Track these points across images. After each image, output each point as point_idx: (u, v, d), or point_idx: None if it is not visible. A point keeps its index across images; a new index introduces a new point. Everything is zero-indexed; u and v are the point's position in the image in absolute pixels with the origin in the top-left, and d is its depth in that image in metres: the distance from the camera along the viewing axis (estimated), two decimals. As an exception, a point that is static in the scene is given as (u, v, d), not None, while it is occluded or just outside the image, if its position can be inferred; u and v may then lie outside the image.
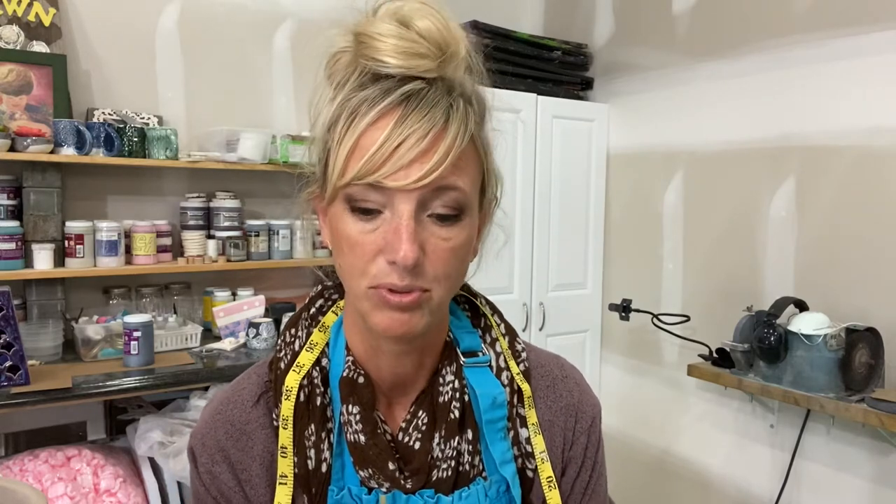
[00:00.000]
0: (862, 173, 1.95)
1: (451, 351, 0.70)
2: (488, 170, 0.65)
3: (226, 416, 0.69)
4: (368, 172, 0.57)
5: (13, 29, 1.99)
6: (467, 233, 0.61)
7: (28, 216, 1.96)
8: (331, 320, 0.71)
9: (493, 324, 0.75)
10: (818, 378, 1.85)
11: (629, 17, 2.69)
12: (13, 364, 1.66)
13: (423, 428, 0.67)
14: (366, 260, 0.59)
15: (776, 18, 2.15)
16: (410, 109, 0.57)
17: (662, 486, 2.59)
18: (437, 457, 0.66)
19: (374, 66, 0.59)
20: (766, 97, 2.19)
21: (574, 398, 0.76)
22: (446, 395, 0.68)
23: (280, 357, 0.70)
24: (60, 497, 1.64)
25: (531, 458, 0.70)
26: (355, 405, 0.65)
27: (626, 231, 2.76)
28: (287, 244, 2.35)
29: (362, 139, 0.58)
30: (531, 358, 0.75)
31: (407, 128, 0.56)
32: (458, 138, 0.58)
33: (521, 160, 2.58)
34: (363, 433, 0.65)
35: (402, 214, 0.57)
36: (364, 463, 0.65)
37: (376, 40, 0.58)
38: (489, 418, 0.68)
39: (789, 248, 2.14)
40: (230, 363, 1.94)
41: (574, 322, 2.80)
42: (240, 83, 2.40)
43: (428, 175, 0.56)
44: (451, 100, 0.59)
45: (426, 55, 0.58)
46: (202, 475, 0.68)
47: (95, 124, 1.98)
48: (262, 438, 0.68)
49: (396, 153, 0.56)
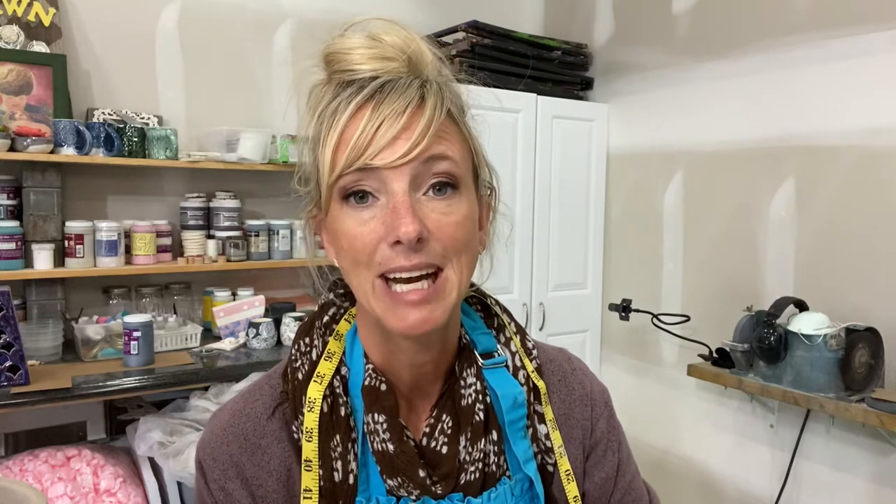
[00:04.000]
0: (862, 173, 1.95)
1: (468, 353, 0.70)
2: (476, 151, 0.65)
3: (239, 429, 0.67)
4: (355, 157, 0.57)
5: (13, 29, 1.99)
6: (467, 206, 0.61)
7: (28, 216, 1.96)
8: (345, 328, 0.70)
9: (505, 323, 0.75)
10: (818, 378, 1.85)
11: (629, 17, 2.69)
12: (13, 364, 1.66)
13: (449, 432, 0.66)
14: (368, 251, 0.59)
15: (776, 18, 2.15)
16: (385, 95, 0.58)
17: (662, 486, 2.59)
18: (465, 460, 0.66)
19: (348, 76, 0.61)
20: (766, 97, 2.19)
21: (586, 388, 0.77)
22: (469, 398, 0.67)
23: (296, 367, 0.68)
24: (60, 497, 1.64)
25: (550, 453, 0.70)
26: (381, 413, 0.64)
27: (626, 231, 2.76)
28: (287, 244, 2.35)
29: (345, 133, 0.59)
30: (540, 354, 0.76)
31: (385, 108, 0.57)
32: (437, 109, 0.59)
33: (521, 160, 2.58)
34: (391, 441, 0.64)
35: (396, 193, 0.58)
36: (393, 472, 0.63)
37: (346, 54, 0.60)
38: (511, 419, 0.68)
39: (789, 248, 2.14)
40: (230, 363, 1.94)
41: (574, 322, 2.80)
42: (240, 83, 2.40)
43: (414, 147, 0.57)
44: (422, 81, 0.60)
45: (395, 58, 0.60)
46: (213, 491, 0.66)
47: (95, 124, 1.98)
48: (279, 453, 0.66)
49: (378, 133, 0.57)
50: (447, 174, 0.59)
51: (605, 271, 2.85)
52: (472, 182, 0.64)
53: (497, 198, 0.70)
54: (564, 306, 2.75)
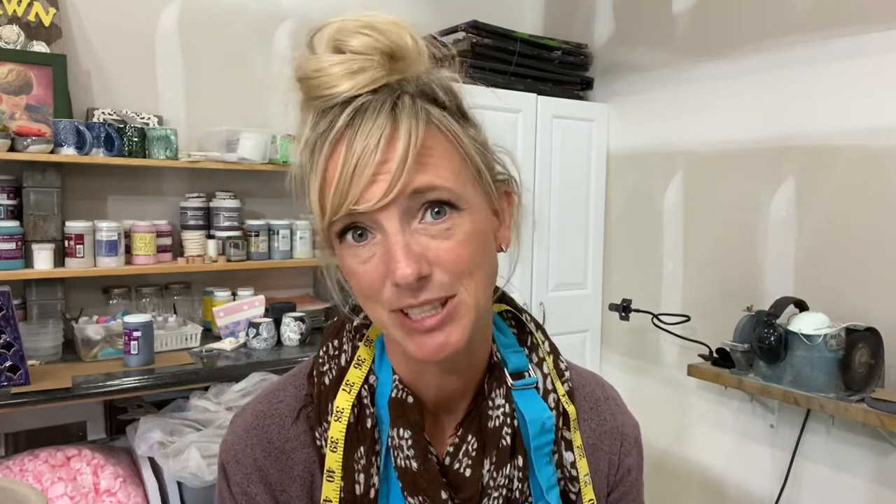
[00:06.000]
0: (862, 173, 1.95)
1: (499, 372, 0.67)
2: (470, 155, 0.59)
3: (263, 432, 0.66)
4: (340, 205, 0.55)
5: (13, 29, 1.99)
6: (472, 224, 0.57)
7: (28, 216, 1.95)
8: (375, 333, 0.68)
9: (539, 342, 0.72)
10: (818, 378, 1.85)
11: (629, 17, 2.69)
12: (13, 364, 1.66)
13: (473, 454, 0.64)
14: (375, 289, 0.57)
15: (776, 18, 2.15)
16: (357, 127, 0.54)
17: (662, 486, 2.59)
18: (489, 485, 0.64)
19: (321, 105, 0.57)
20: (765, 97, 2.19)
21: (617, 421, 0.75)
22: (497, 420, 0.65)
23: (323, 371, 0.66)
24: (60, 497, 1.64)
25: (575, 481, 0.68)
26: (406, 429, 0.62)
27: (626, 231, 2.76)
28: (287, 244, 2.35)
29: (326, 174, 0.56)
30: (573, 377, 0.73)
31: (357, 144, 0.54)
32: (412, 135, 0.54)
33: (522, 160, 2.57)
34: (415, 459, 0.62)
35: (388, 233, 0.55)
36: (415, 490, 0.62)
37: (315, 78, 0.56)
38: (537, 444, 0.65)
39: (789, 248, 2.14)
40: (230, 363, 1.94)
41: (574, 322, 2.80)
42: (240, 83, 2.40)
43: (393, 185, 0.53)
44: (395, 100, 0.56)
45: (367, 68, 0.56)
46: (236, 495, 0.65)
47: (95, 124, 1.98)
48: (303, 458, 0.65)
49: (355, 175, 0.54)
50: (439, 201, 0.56)
51: (605, 271, 2.85)
52: (476, 188, 0.59)
53: (519, 185, 0.65)
54: (564, 306, 2.75)
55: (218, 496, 0.68)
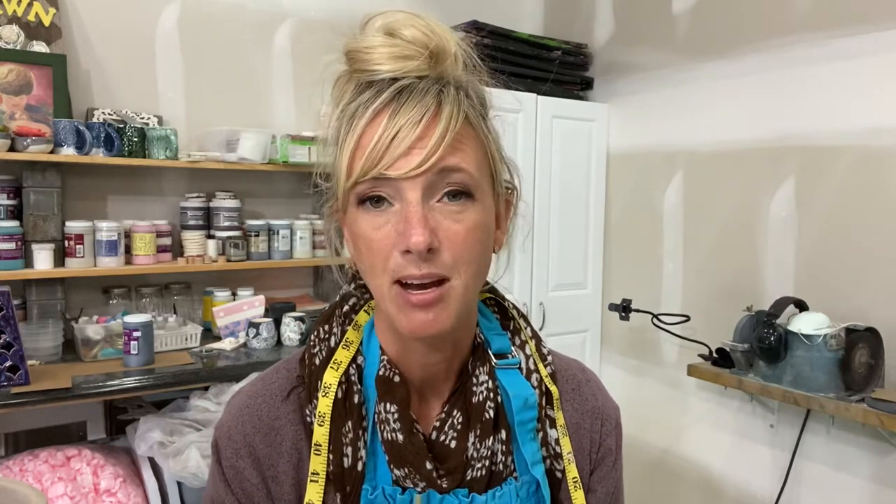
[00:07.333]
0: (862, 173, 1.95)
1: (482, 352, 0.71)
2: (493, 154, 0.65)
3: (254, 409, 0.69)
4: (371, 167, 0.58)
5: (13, 29, 1.99)
6: (480, 215, 0.62)
7: (28, 216, 1.95)
8: (363, 319, 0.71)
9: (521, 327, 0.75)
10: (818, 378, 1.85)
11: (629, 17, 2.69)
12: (13, 364, 1.66)
13: (459, 427, 0.67)
14: (383, 256, 0.60)
15: (776, 18, 2.16)
16: (402, 102, 0.59)
17: (662, 486, 2.59)
18: (472, 456, 0.67)
19: (368, 77, 0.61)
20: (765, 97, 2.19)
21: (598, 402, 0.78)
22: (480, 395, 0.68)
23: (314, 353, 0.70)
24: (60, 497, 1.64)
25: (559, 458, 0.71)
26: (392, 403, 0.65)
27: (626, 231, 2.76)
28: (287, 244, 2.34)
29: (362, 139, 0.60)
30: (555, 361, 0.76)
31: (401, 118, 0.58)
32: (453, 120, 0.59)
33: (521, 160, 2.58)
34: (401, 432, 0.65)
35: (410, 202, 0.58)
36: (401, 462, 0.65)
37: (366, 53, 0.61)
38: (521, 419, 0.68)
39: (789, 248, 2.14)
40: (230, 363, 1.94)
41: (574, 322, 2.80)
42: (240, 83, 2.40)
43: (427, 159, 0.58)
44: (441, 87, 0.61)
45: (414, 57, 0.60)
46: (225, 469, 0.68)
47: (95, 124, 1.98)
48: (291, 435, 0.68)
49: (393, 143, 0.58)
50: (460, 184, 0.60)
51: (605, 271, 2.85)
52: (489, 185, 0.64)
53: (518, 196, 0.71)
54: (564, 306, 2.75)
55: (209, 476, 0.70)
